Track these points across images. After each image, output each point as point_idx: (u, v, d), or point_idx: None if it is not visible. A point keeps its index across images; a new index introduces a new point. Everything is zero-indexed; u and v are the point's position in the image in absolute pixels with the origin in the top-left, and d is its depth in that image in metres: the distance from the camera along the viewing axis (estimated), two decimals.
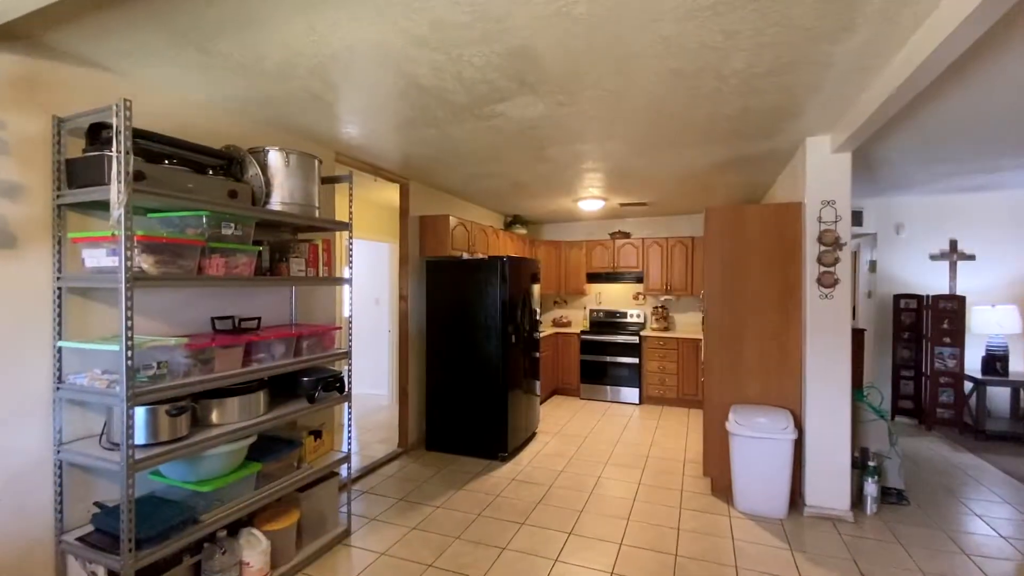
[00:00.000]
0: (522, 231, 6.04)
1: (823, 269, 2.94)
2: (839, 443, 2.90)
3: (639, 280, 6.15)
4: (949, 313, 4.55)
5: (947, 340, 4.55)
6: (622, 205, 5.29)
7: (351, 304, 2.91)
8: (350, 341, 2.81)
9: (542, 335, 5.47)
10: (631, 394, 5.81)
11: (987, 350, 4.46)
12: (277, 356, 2.38)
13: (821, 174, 2.94)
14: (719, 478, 3.28)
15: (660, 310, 6.12)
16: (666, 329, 6.05)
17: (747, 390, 3.22)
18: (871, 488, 2.96)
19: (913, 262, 5.01)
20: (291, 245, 2.61)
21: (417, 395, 4.30)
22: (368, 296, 6.18)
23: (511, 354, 4.00)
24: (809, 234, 2.98)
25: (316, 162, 2.58)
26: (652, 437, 4.52)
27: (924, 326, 4.73)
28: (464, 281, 4.05)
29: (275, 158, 2.41)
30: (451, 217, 4.23)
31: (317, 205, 2.59)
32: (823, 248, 2.94)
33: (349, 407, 2.77)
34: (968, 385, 4.48)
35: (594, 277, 6.38)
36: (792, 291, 3.11)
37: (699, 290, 5.79)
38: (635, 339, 5.78)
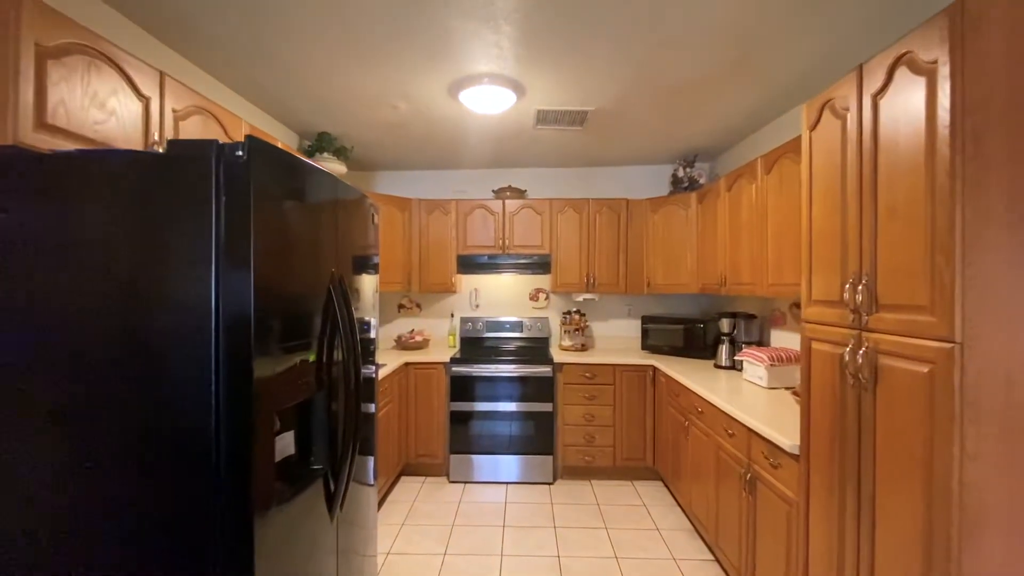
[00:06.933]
0: (339, 167, 3.09)
1: None
2: None
3: (543, 268, 3.73)
4: None
5: None
6: (542, 114, 2.77)
7: None
8: None
9: (382, 372, 2.64)
10: (539, 466, 3.32)
11: None
12: None
13: None
14: None
15: (574, 317, 3.80)
16: (584, 348, 3.75)
17: None
18: None
19: None
20: None
21: None
22: None
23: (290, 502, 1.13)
24: None
25: None
26: None
27: None
28: (94, 237, 1.04)
29: None
30: None
31: None
32: None
33: None
34: None
35: (467, 264, 3.75)
36: None
37: (636, 285, 3.63)
38: (546, 370, 3.33)
